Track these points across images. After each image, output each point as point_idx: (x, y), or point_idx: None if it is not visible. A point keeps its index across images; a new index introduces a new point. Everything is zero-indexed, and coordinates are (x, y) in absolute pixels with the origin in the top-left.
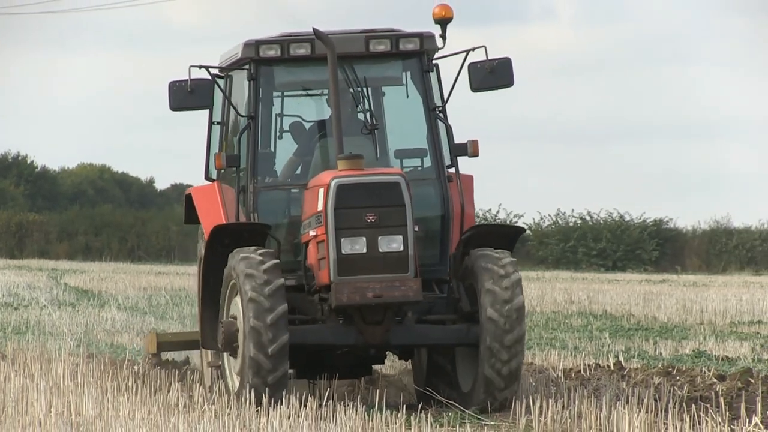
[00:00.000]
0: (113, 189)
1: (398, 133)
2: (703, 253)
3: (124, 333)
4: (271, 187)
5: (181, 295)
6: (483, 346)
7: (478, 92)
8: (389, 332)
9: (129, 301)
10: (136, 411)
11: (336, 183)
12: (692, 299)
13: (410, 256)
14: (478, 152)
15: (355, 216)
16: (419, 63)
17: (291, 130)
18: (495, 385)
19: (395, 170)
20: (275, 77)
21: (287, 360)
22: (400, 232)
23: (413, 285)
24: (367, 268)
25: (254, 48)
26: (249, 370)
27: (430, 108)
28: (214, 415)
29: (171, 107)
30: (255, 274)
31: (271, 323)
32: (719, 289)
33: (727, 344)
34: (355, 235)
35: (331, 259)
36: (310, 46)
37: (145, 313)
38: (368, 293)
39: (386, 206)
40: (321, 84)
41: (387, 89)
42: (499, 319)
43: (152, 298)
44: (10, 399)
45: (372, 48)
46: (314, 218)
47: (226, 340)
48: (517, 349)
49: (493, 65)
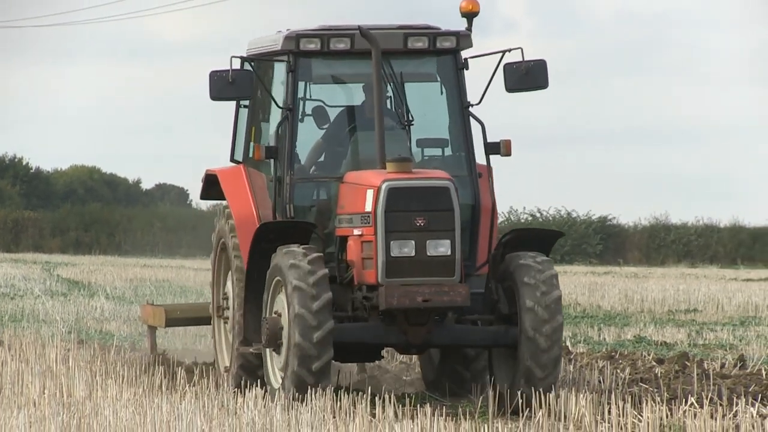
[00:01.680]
0: (102, 188)
1: (420, 125)
2: (643, 247)
3: (112, 321)
4: (307, 179)
5: (164, 285)
6: (523, 337)
7: (513, 92)
8: (431, 333)
9: (116, 291)
10: (122, 392)
11: (387, 186)
12: (633, 289)
13: (457, 260)
14: (511, 152)
15: (405, 219)
16: (454, 61)
17: (314, 115)
18: (536, 375)
19: (444, 175)
20: (312, 70)
21: (332, 348)
22: (448, 236)
23: (461, 291)
24: (414, 271)
25: (295, 41)
26: (294, 358)
27: (463, 105)
28: (194, 396)
29: (211, 96)
30: (300, 264)
31: (316, 310)
32: (658, 280)
33: (665, 331)
34: (404, 239)
35: (380, 261)
36: (350, 40)
37: (131, 303)
38: (417, 297)
39: (435, 210)
40: (358, 77)
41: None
42: (538, 309)
43: (138, 289)
44: (6, 381)
45: (410, 45)
46: (359, 217)
47: (270, 336)
48: (556, 339)
49: (529, 67)
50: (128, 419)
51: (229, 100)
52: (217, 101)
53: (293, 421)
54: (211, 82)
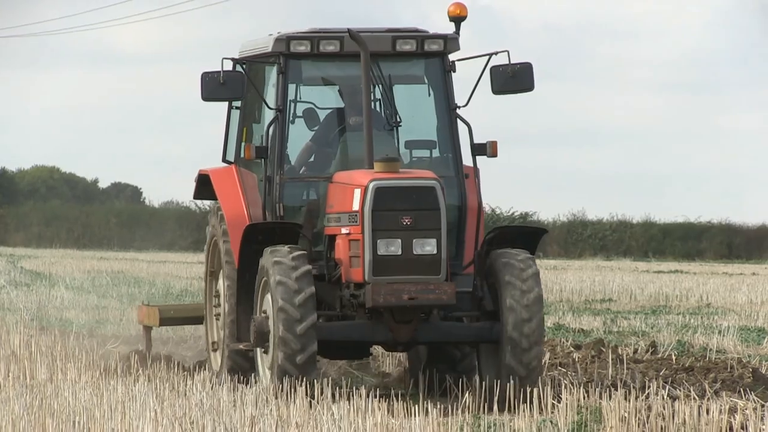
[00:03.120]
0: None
1: (407, 127)
2: (562, 241)
3: (71, 309)
4: (296, 179)
5: (119, 276)
6: (504, 336)
7: (500, 95)
8: (417, 330)
9: (75, 281)
10: (81, 375)
11: (374, 185)
12: (553, 280)
13: (443, 259)
14: (497, 153)
15: (392, 218)
16: (441, 63)
17: (304, 116)
18: (517, 373)
19: (431, 175)
20: (302, 72)
21: (315, 340)
22: (434, 235)
23: (447, 289)
24: (400, 269)
25: (285, 43)
26: (279, 352)
27: (450, 107)
28: (147, 379)
29: (203, 97)
30: (283, 261)
31: (299, 304)
32: (575, 272)
33: (582, 319)
34: (391, 237)
35: (367, 259)
36: (339, 43)
37: (89, 292)
38: (404, 295)
39: (422, 209)
40: (347, 79)
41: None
42: (519, 308)
43: (95, 279)
44: None
45: (398, 47)
46: (347, 216)
47: (257, 335)
48: (537, 338)
49: (515, 69)
50: (86, 400)
51: (221, 101)
52: (208, 102)
53: (239, 402)
54: (202, 83)
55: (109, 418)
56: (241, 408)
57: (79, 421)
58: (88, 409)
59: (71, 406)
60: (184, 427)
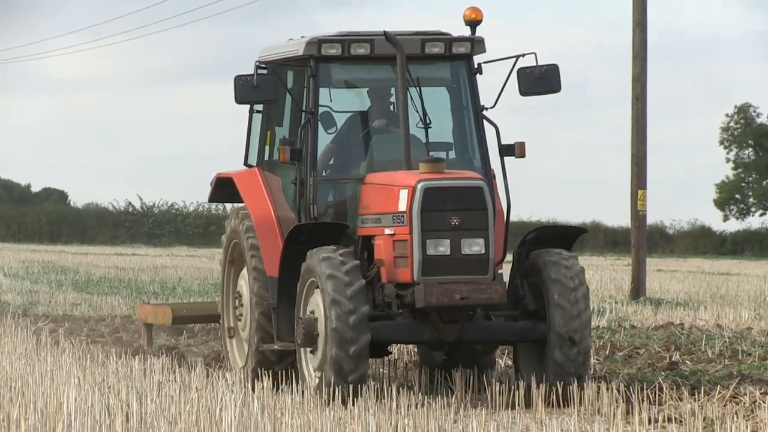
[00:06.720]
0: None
1: (435, 129)
2: None
3: (9, 293)
4: (329, 180)
5: (49, 266)
6: (552, 333)
7: (527, 96)
8: (463, 329)
9: (12, 270)
10: (16, 347)
11: (423, 186)
12: None
13: (491, 258)
14: (525, 153)
15: (440, 219)
16: (468, 65)
17: (321, 120)
18: (565, 370)
19: (476, 175)
20: (332, 74)
21: (368, 360)
22: (482, 235)
23: (498, 288)
24: (449, 269)
25: (316, 46)
26: (330, 369)
27: (477, 109)
28: (72, 351)
29: (236, 100)
30: (337, 276)
31: (353, 324)
32: None
33: None
34: (439, 237)
35: (416, 260)
36: (370, 45)
37: (23, 279)
38: (456, 295)
39: (470, 210)
40: (376, 82)
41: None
42: (567, 305)
43: (29, 268)
44: None
45: (427, 50)
46: (390, 216)
47: (306, 336)
48: (585, 334)
49: (542, 71)
50: (21, 369)
51: (254, 104)
52: (242, 104)
53: (148, 371)
54: (236, 86)
55: (39, 384)
56: (150, 376)
57: (14, 386)
58: (22, 376)
59: (8, 374)
60: (103, 391)
